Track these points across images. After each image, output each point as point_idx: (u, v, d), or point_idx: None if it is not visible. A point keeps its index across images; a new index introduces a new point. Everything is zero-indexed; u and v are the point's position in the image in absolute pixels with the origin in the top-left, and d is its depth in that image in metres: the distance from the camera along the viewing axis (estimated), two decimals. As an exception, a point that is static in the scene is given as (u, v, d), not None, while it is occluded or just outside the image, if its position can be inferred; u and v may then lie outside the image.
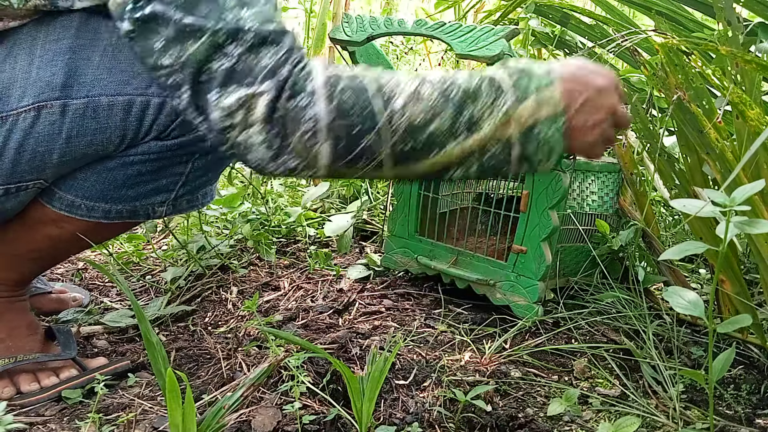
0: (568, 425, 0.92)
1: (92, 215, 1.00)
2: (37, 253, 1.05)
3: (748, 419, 0.95)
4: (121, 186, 0.98)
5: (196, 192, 1.06)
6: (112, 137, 0.94)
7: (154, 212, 1.03)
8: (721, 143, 0.97)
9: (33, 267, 1.09)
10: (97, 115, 0.92)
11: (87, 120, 0.92)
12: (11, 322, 1.07)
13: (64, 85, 0.91)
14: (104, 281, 1.52)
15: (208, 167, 1.03)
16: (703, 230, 1.06)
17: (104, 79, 0.92)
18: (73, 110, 0.92)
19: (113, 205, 1.00)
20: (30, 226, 1.03)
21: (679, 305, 0.76)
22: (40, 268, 1.12)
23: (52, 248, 1.05)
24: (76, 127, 0.92)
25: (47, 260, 1.10)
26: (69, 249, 1.08)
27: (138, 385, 1.05)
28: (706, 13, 1.39)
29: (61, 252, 1.09)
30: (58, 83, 0.91)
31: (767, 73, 0.99)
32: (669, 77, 1.01)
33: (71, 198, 0.99)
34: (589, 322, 1.17)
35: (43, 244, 1.04)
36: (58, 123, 0.92)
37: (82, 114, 0.92)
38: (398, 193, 1.36)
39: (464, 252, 1.28)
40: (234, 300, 1.31)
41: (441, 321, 1.19)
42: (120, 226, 1.07)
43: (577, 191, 1.22)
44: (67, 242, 1.04)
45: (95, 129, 0.93)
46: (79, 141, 0.93)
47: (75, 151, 0.94)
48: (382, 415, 0.92)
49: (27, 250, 1.05)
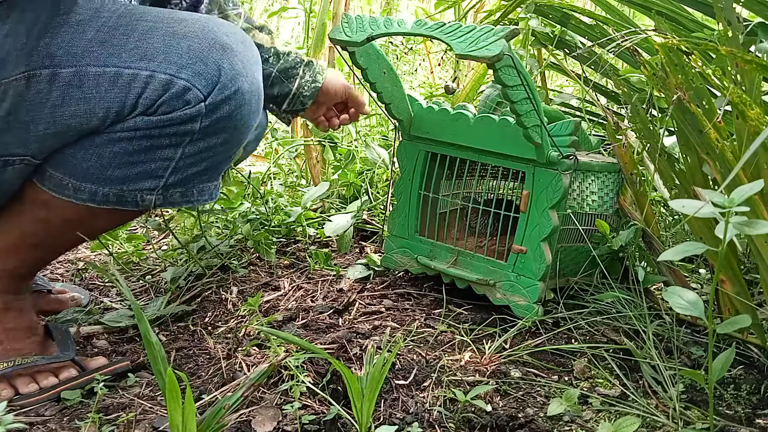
0: (568, 425, 0.92)
1: (79, 196, 0.99)
2: (32, 239, 1.05)
3: (748, 419, 0.95)
4: (107, 165, 0.98)
5: (189, 185, 1.05)
6: (95, 108, 0.94)
7: (143, 200, 1.02)
8: (721, 143, 0.97)
9: (32, 255, 1.08)
10: (82, 85, 0.93)
11: (72, 89, 0.93)
12: (10, 323, 1.06)
13: (54, 54, 0.93)
14: (104, 281, 1.52)
15: (201, 157, 1.02)
16: (703, 230, 1.06)
17: (95, 51, 0.94)
18: (60, 79, 0.93)
19: (99, 187, 0.99)
20: (22, 208, 1.03)
21: (678, 305, 0.76)
22: (39, 258, 1.11)
23: (46, 234, 1.05)
24: (61, 96, 0.93)
25: (45, 249, 1.09)
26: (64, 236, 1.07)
27: (138, 385, 1.05)
28: (706, 13, 1.39)
29: (57, 240, 1.08)
30: (49, 53, 0.93)
31: (767, 73, 0.99)
32: (669, 77, 1.01)
33: (59, 176, 0.99)
34: (589, 322, 1.17)
35: (36, 227, 1.04)
36: (45, 91, 0.93)
37: (68, 83, 0.93)
38: (398, 193, 1.36)
39: (464, 252, 1.28)
40: (234, 300, 1.31)
41: (441, 321, 1.19)
42: (112, 216, 1.06)
43: (577, 191, 1.22)
44: (60, 228, 1.04)
45: (79, 99, 0.94)
46: (64, 111, 0.94)
47: (59, 122, 0.94)
48: (382, 415, 0.92)
49: (21, 234, 1.04)
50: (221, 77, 0.96)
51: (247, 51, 1.01)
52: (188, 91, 0.95)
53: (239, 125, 1.02)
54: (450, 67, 2.57)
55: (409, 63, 2.75)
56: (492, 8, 1.84)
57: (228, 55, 0.97)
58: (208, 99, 0.96)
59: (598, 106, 1.61)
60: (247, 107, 1.01)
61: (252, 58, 1.02)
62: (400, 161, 1.36)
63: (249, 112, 1.02)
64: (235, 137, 1.03)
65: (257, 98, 1.03)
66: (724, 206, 0.69)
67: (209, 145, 1.01)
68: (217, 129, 0.99)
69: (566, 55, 1.68)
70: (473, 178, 1.40)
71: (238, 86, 0.98)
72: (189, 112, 0.96)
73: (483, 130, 1.23)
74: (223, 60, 0.96)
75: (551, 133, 1.15)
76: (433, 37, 1.07)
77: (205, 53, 0.95)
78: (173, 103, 0.95)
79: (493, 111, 1.36)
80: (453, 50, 1.02)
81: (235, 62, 0.98)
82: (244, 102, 1.00)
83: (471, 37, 1.02)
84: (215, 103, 0.96)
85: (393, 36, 1.33)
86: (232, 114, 0.99)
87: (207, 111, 0.96)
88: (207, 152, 1.02)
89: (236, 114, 0.99)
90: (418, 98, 1.33)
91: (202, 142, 1.00)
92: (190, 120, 0.96)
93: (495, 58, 0.98)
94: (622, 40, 1.21)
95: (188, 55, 0.95)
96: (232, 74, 0.97)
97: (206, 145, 1.01)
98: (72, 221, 1.02)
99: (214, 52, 0.96)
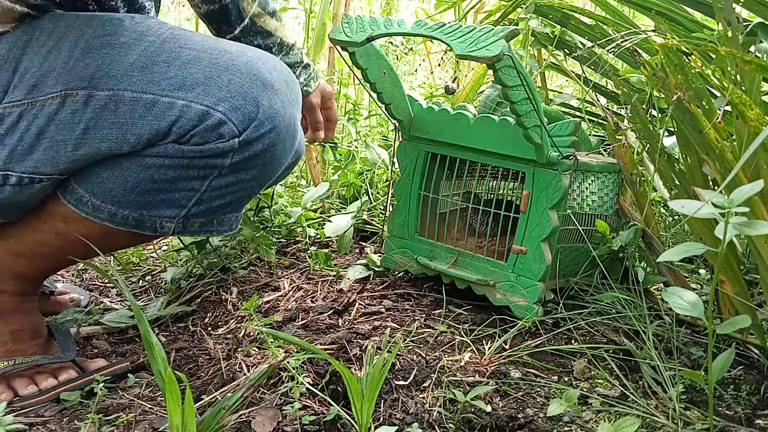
0: (568, 425, 0.92)
1: (98, 215, 0.98)
2: (46, 249, 1.04)
3: (748, 420, 0.95)
4: (131, 190, 0.96)
5: (211, 216, 1.03)
6: (127, 135, 0.92)
7: (162, 227, 1.00)
8: (721, 143, 0.97)
9: (44, 263, 1.07)
10: (117, 109, 0.92)
11: (107, 113, 0.92)
12: (17, 324, 1.06)
13: (93, 76, 0.92)
14: (104, 281, 1.52)
15: (227, 191, 1.00)
16: (703, 231, 1.06)
17: (134, 76, 0.92)
18: (95, 101, 0.92)
19: (120, 209, 0.98)
20: (41, 218, 1.02)
21: (678, 306, 0.76)
22: (49, 266, 1.10)
23: (60, 246, 1.04)
24: (95, 118, 0.92)
25: (55, 258, 1.08)
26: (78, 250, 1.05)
27: (138, 386, 1.05)
28: (706, 13, 1.39)
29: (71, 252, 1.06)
30: (87, 74, 0.91)
31: (767, 73, 0.99)
32: (669, 77, 1.01)
33: (81, 192, 0.98)
34: (588, 323, 1.17)
35: (52, 239, 1.03)
36: (80, 113, 0.92)
37: (104, 106, 0.92)
38: (398, 193, 1.36)
39: (464, 252, 1.28)
40: (234, 300, 1.31)
41: (441, 321, 1.19)
42: (128, 237, 1.04)
43: (577, 191, 1.22)
44: (75, 243, 1.02)
45: (113, 123, 0.92)
46: (96, 134, 0.92)
47: (90, 145, 0.93)
48: (381, 415, 0.92)
49: (36, 243, 1.03)
50: (259, 114, 0.94)
51: (288, 90, 0.99)
52: (223, 125, 0.92)
53: (270, 163, 1.00)
54: (450, 68, 2.58)
55: (409, 63, 2.75)
56: (492, 8, 1.84)
57: (268, 92, 0.95)
58: (243, 135, 0.93)
59: (598, 106, 1.61)
60: (281, 146, 0.99)
61: (293, 98, 1.00)
62: (400, 161, 1.36)
63: (282, 151, 1.00)
64: (264, 174, 1.01)
65: (293, 138, 1.01)
66: (724, 207, 0.69)
67: (237, 179, 0.99)
68: (247, 165, 0.97)
69: (566, 55, 1.68)
70: (473, 178, 1.40)
71: (275, 125, 0.96)
72: (222, 146, 0.93)
73: (483, 131, 1.23)
74: (262, 97, 0.94)
75: (551, 133, 1.15)
76: (433, 37, 1.07)
77: (246, 88, 0.93)
78: (207, 135, 0.93)
79: (493, 111, 1.36)
80: (453, 50, 1.02)
81: (275, 101, 0.96)
82: (279, 141, 0.98)
83: (471, 37, 1.02)
84: (249, 139, 0.94)
85: (393, 36, 1.33)
86: (265, 152, 0.97)
87: (240, 147, 0.94)
88: (234, 186, 1.00)
89: (269, 152, 0.97)
90: (418, 98, 1.33)
91: (231, 176, 0.98)
92: (222, 154, 0.94)
93: (495, 58, 0.98)
94: (622, 40, 1.21)
95: (228, 89, 0.93)
96: (271, 113, 0.95)
97: (234, 179, 0.99)
98: (88, 237, 1.00)
99: (254, 88, 0.94)
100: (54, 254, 1.06)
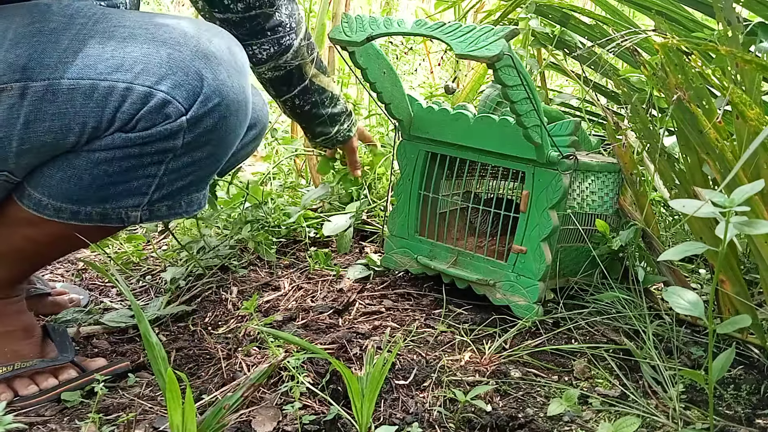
0: (568, 425, 0.92)
1: (60, 216, 0.94)
2: (20, 254, 1.01)
3: (748, 419, 0.95)
4: (87, 187, 0.93)
5: (176, 198, 1.00)
6: (71, 124, 0.88)
7: (128, 216, 0.97)
8: (721, 143, 0.97)
9: (21, 267, 1.05)
10: (56, 99, 0.87)
11: (46, 104, 0.87)
12: (6, 326, 1.05)
13: (25, 66, 0.87)
14: (104, 281, 1.52)
15: (186, 172, 0.97)
16: (703, 230, 1.06)
17: (69, 62, 0.88)
18: (32, 93, 0.87)
19: (81, 207, 0.94)
20: (7, 225, 0.99)
21: (678, 305, 0.76)
22: (30, 268, 1.08)
23: (34, 250, 1.01)
24: (34, 111, 0.88)
25: (35, 261, 1.06)
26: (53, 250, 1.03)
27: (138, 386, 1.05)
28: (706, 13, 1.39)
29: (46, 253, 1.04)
30: (20, 65, 0.87)
31: (767, 73, 0.99)
32: (669, 77, 1.01)
33: (38, 196, 0.94)
34: (589, 322, 1.17)
35: (24, 245, 1.00)
36: (17, 106, 0.88)
37: (41, 97, 0.87)
38: (398, 193, 1.36)
39: (464, 252, 1.28)
40: (234, 300, 1.31)
41: (441, 321, 1.19)
42: (99, 231, 1.01)
43: (577, 191, 1.22)
44: (48, 244, 1.00)
45: (54, 114, 0.88)
46: (37, 127, 0.88)
47: (34, 139, 0.89)
48: (382, 415, 0.92)
49: (9, 248, 1.00)
50: (204, 88, 0.90)
51: (233, 58, 0.95)
52: (168, 104, 0.88)
53: (225, 138, 0.96)
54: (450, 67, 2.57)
55: (409, 63, 2.75)
56: (492, 8, 1.84)
57: (212, 63, 0.91)
58: (190, 112, 0.90)
59: (598, 106, 1.61)
60: (233, 118, 0.95)
61: (238, 66, 0.96)
62: (400, 161, 1.36)
63: (235, 123, 0.96)
64: (220, 150, 0.98)
65: (244, 108, 0.97)
66: (724, 206, 0.69)
67: (194, 159, 0.95)
68: (201, 143, 0.94)
69: (566, 55, 1.68)
70: (473, 178, 1.40)
71: (223, 97, 0.92)
72: (170, 127, 0.89)
73: (483, 130, 1.23)
74: (206, 69, 0.90)
75: (551, 133, 1.15)
76: (433, 37, 1.07)
77: (187, 62, 0.89)
78: (152, 117, 0.88)
79: (493, 111, 1.36)
80: (453, 50, 1.02)
81: (219, 71, 0.92)
82: (230, 113, 0.94)
83: (471, 37, 1.02)
84: (198, 116, 0.90)
85: (393, 36, 1.33)
86: (217, 126, 0.93)
87: (189, 125, 0.91)
88: (192, 166, 0.96)
89: (221, 126, 0.94)
90: (418, 98, 1.33)
91: (186, 157, 0.94)
92: (172, 136, 0.90)
93: (495, 58, 0.98)
94: (622, 40, 1.21)
95: (168, 65, 0.88)
96: (216, 85, 0.91)
97: (191, 159, 0.95)
98: (59, 236, 0.98)
99: (196, 61, 0.90)
100: (28, 258, 1.03)
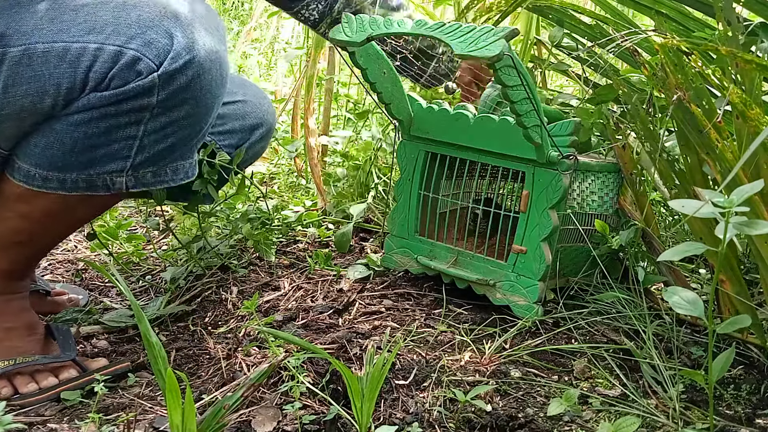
0: (568, 425, 0.92)
1: (48, 186, 0.98)
2: (17, 236, 1.04)
3: (748, 419, 0.95)
4: (69, 151, 0.96)
5: (160, 164, 1.02)
6: (46, 86, 0.93)
7: (114, 183, 1.00)
8: (721, 143, 0.97)
9: (20, 253, 1.07)
10: (32, 63, 0.93)
11: (22, 68, 0.93)
12: (8, 322, 1.06)
13: (3, 34, 0.93)
14: (104, 281, 1.52)
15: (166, 133, 0.99)
16: (703, 230, 1.06)
17: (44, 28, 0.93)
18: (9, 58, 0.93)
19: (67, 174, 0.98)
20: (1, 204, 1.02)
21: (678, 305, 0.76)
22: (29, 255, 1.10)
23: (29, 229, 1.04)
24: (12, 75, 0.93)
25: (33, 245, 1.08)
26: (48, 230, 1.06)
27: (138, 385, 1.05)
28: (706, 13, 1.39)
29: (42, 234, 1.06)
30: None
31: (767, 73, 0.99)
32: (669, 77, 1.01)
33: (26, 167, 0.98)
34: (589, 322, 1.17)
35: (18, 224, 1.03)
36: None
37: (18, 62, 0.93)
38: (398, 193, 1.36)
39: (464, 252, 1.28)
40: (234, 300, 1.31)
41: (441, 321, 1.19)
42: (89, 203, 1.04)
43: (577, 191, 1.22)
44: (41, 222, 1.03)
45: (30, 77, 0.93)
46: (16, 91, 0.93)
47: (12, 103, 0.94)
48: (382, 415, 0.92)
49: (5, 231, 1.03)
50: (174, 45, 0.93)
51: (206, 21, 0.99)
52: (139, 62, 0.92)
53: (200, 96, 0.98)
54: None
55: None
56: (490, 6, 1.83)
57: (181, 22, 0.95)
58: (161, 69, 0.93)
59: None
60: (207, 76, 0.97)
61: (209, 24, 0.99)
62: (400, 161, 1.36)
63: (210, 81, 0.98)
64: (199, 109, 1.00)
65: (218, 68, 0.99)
66: (724, 206, 0.69)
67: (172, 119, 0.98)
68: (176, 101, 0.96)
69: (566, 55, 1.68)
70: (473, 178, 1.40)
71: (194, 55, 0.95)
72: (142, 83, 0.93)
73: (483, 130, 1.23)
74: (175, 28, 0.94)
75: (551, 133, 1.15)
76: (433, 37, 1.07)
77: (156, 22, 0.93)
78: (124, 74, 0.92)
79: (493, 111, 1.36)
80: (453, 50, 1.02)
81: (190, 30, 0.95)
82: (203, 71, 0.96)
83: (471, 37, 1.02)
84: (169, 72, 0.93)
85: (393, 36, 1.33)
86: (191, 84, 0.96)
87: (162, 82, 0.94)
88: (171, 127, 0.99)
89: (195, 84, 0.96)
90: (418, 98, 1.33)
91: (164, 116, 0.97)
92: (146, 93, 0.94)
93: (495, 58, 0.98)
94: (622, 40, 1.21)
95: (138, 25, 0.93)
96: (187, 43, 0.94)
97: (168, 119, 0.98)
98: (51, 212, 1.01)
99: (166, 21, 0.94)
100: (26, 241, 1.06)
